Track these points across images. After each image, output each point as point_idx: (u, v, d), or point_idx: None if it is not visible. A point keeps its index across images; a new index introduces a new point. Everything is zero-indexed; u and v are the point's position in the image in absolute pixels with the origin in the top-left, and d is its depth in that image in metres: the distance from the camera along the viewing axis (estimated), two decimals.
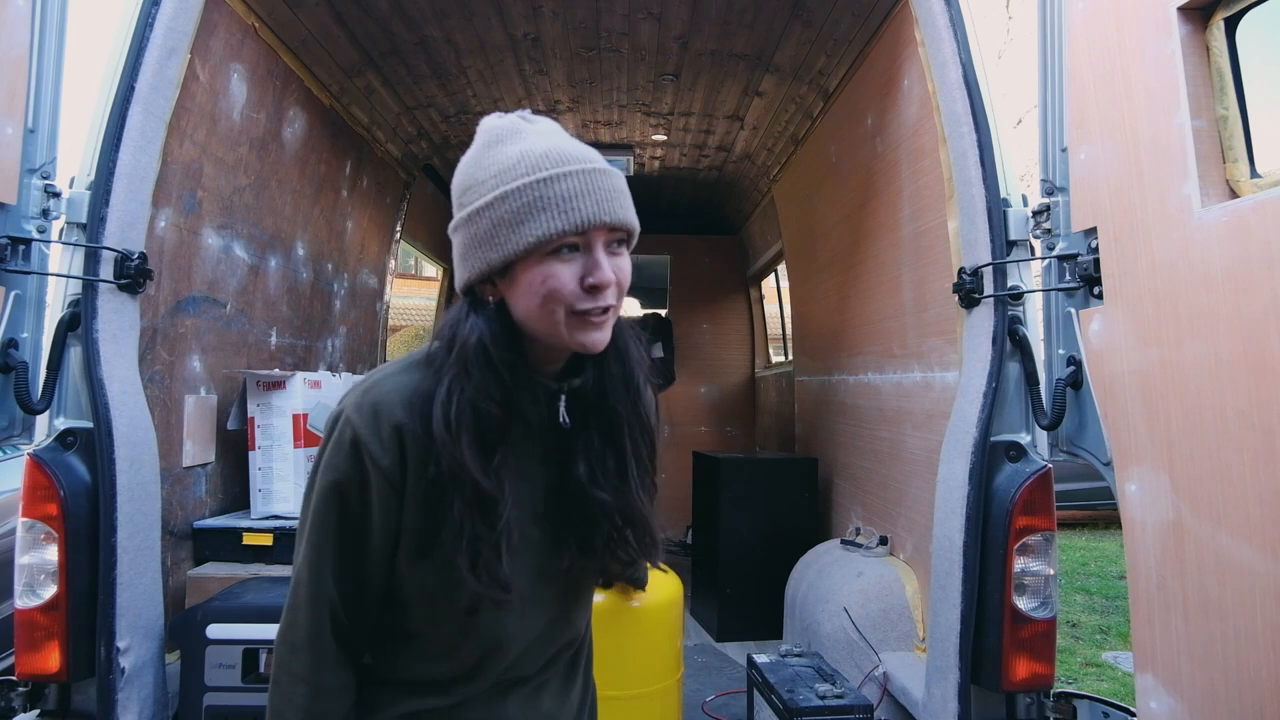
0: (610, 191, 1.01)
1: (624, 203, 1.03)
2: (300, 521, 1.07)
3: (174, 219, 2.57)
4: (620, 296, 1.04)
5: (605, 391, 1.10)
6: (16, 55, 1.98)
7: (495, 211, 1.00)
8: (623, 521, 1.10)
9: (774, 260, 5.93)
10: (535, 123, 1.08)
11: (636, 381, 1.12)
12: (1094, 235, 1.90)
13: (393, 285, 5.13)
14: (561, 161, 1.01)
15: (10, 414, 1.99)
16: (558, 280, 0.99)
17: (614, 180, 1.02)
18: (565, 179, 0.99)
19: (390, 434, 1.00)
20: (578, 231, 0.98)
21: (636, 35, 3.52)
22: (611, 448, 1.11)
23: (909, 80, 2.81)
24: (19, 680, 1.95)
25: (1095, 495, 7.59)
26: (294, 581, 1.07)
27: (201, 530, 2.77)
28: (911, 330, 2.94)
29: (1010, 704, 2.03)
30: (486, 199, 1.01)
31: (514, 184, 1.00)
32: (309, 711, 1.05)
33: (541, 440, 1.10)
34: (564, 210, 0.98)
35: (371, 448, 1.00)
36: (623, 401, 1.11)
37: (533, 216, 0.98)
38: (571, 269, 1.00)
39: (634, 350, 1.13)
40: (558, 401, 1.08)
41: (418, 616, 1.07)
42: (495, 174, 1.02)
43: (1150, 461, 1.69)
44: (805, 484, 4.23)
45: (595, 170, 1.01)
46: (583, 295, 1.00)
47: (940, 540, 2.11)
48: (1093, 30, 1.89)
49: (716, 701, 3.38)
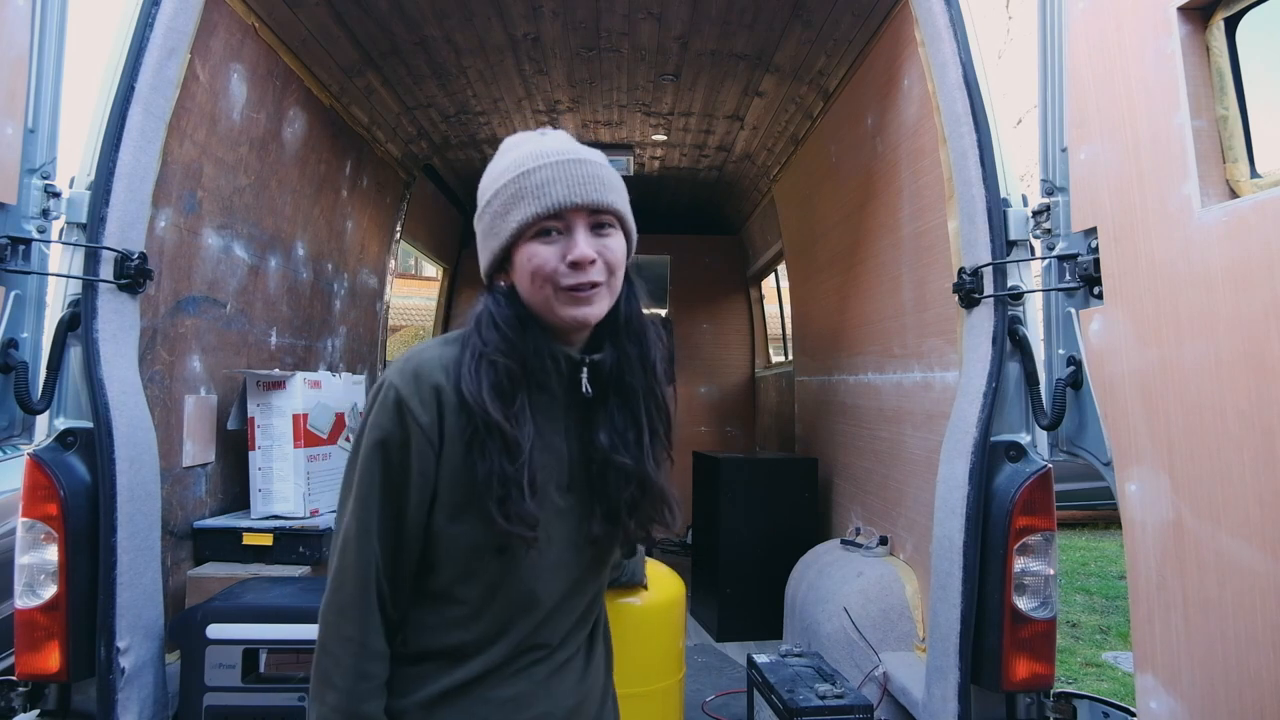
0: (585, 178, 1.13)
1: (598, 187, 1.13)
2: (344, 487, 1.15)
3: (174, 219, 2.57)
4: (609, 274, 1.14)
5: (623, 369, 1.20)
6: (16, 55, 1.98)
7: (492, 207, 1.16)
8: (641, 490, 1.20)
9: (774, 260, 5.93)
10: (547, 134, 1.20)
11: (652, 360, 1.22)
12: (1094, 235, 1.90)
13: (393, 285, 5.13)
14: (541, 156, 1.14)
15: (10, 414, 1.99)
16: (540, 258, 1.12)
17: (591, 169, 1.14)
18: (540, 170, 1.12)
19: (430, 394, 1.11)
20: (550, 214, 1.11)
21: (636, 35, 3.52)
22: (630, 421, 1.20)
23: (909, 80, 2.81)
24: (19, 680, 1.95)
25: (1095, 495, 7.58)
26: (341, 546, 1.12)
27: (201, 530, 2.77)
28: (911, 330, 2.94)
29: (1010, 704, 2.03)
30: (487, 198, 1.17)
31: (503, 181, 1.15)
32: (357, 672, 1.09)
33: (564, 415, 1.19)
34: (538, 196, 1.11)
35: (412, 405, 1.10)
36: (639, 379, 1.21)
37: (515, 205, 1.13)
38: (554, 249, 1.12)
39: (651, 334, 1.23)
40: (579, 373, 1.17)
41: (449, 576, 1.14)
42: (495, 177, 1.18)
43: (1150, 461, 1.69)
44: (805, 484, 4.23)
45: (570, 160, 1.13)
46: (567, 272, 1.11)
47: (940, 540, 2.11)
48: (1093, 30, 1.89)
49: (716, 701, 3.38)
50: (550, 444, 1.17)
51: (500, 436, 1.09)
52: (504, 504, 1.08)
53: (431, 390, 1.11)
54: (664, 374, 1.24)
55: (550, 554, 1.15)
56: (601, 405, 1.19)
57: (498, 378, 1.11)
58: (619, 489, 1.18)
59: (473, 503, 1.10)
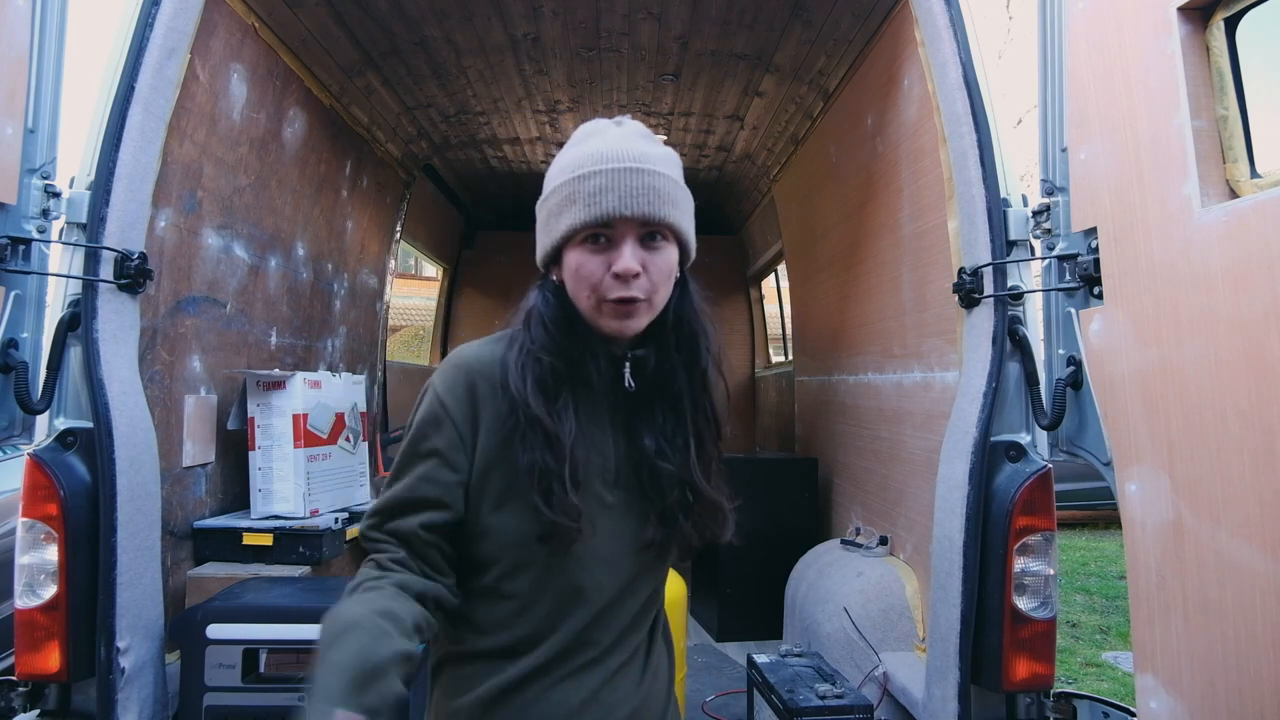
0: (639, 189, 1.10)
1: (652, 199, 1.11)
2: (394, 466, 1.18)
3: (174, 219, 2.57)
4: (653, 291, 1.13)
5: (669, 373, 1.19)
6: (16, 55, 1.98)
7: (549, 203, 1.16)
8: (692, 495, 1.19)
9: (774, 260, 5.93)
10: (622, 124, 1.18)
11: (703, 367, 1.21)
12: (1094, 235, 1.90)
13: (393, 285, 5.13)
14: (600, 160, 1.11)
15: (10, 414, 1.99)
16: (587, 268, 1.11)
17: (647, 179, 1.11)
18: (595, 176, 1.10)
19: (465, 390, 1.15)
20: (600, 223, 1.10)
21: (636, 35, 3.52)
22: (678, 428, 1.20)
23: (909, 80, 2.81)
24: (19, 680, 1.95)
25: (1095, 495, 7.59)
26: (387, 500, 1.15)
27: (201, 530, 2.77)
28: (911, 330, 2.94)
29: (1010, 704, 2.03)
30: (547, 191, 1.17)
31: (562, 179, 1.14)
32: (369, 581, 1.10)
33: (610, 414, 1.19)
34: (589, 204, 1.10)
35: (445, 399, 1.14)
36: (684, 385, 1.20)
37: (568, 209, 1.12)
38: (601, 258, 1.11)
39: (703, 341, 1.22)
40: (623, 368, 1.17)
41: (498, 572, 1.14)
42: (559, 170, 1.17)
43: (1150, 461, 1.69)
44: (805, 484, 4.23)
45: (626, 169, 1.11)
46: (612, 284, 1.10)
47: (940, 540, 2.11)
48: (1093, 30, 1.89)
49: (716, 701, 3.38)
50: (595, 440, 1.18)
51: (542, 430, 1.11)
52: (547, 495, 1.10)
53: (466, 387, 1.15)
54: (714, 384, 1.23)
55: (599, 549, 1.15)
56: (647, 408, 1.19)
57: (542, 374, 1.13)
58: (669, 492, 1.18)
59: (516, 493, 1.12)
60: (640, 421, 1.19)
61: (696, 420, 1.21)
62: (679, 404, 1.20)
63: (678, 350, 1.20)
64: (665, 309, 1.18)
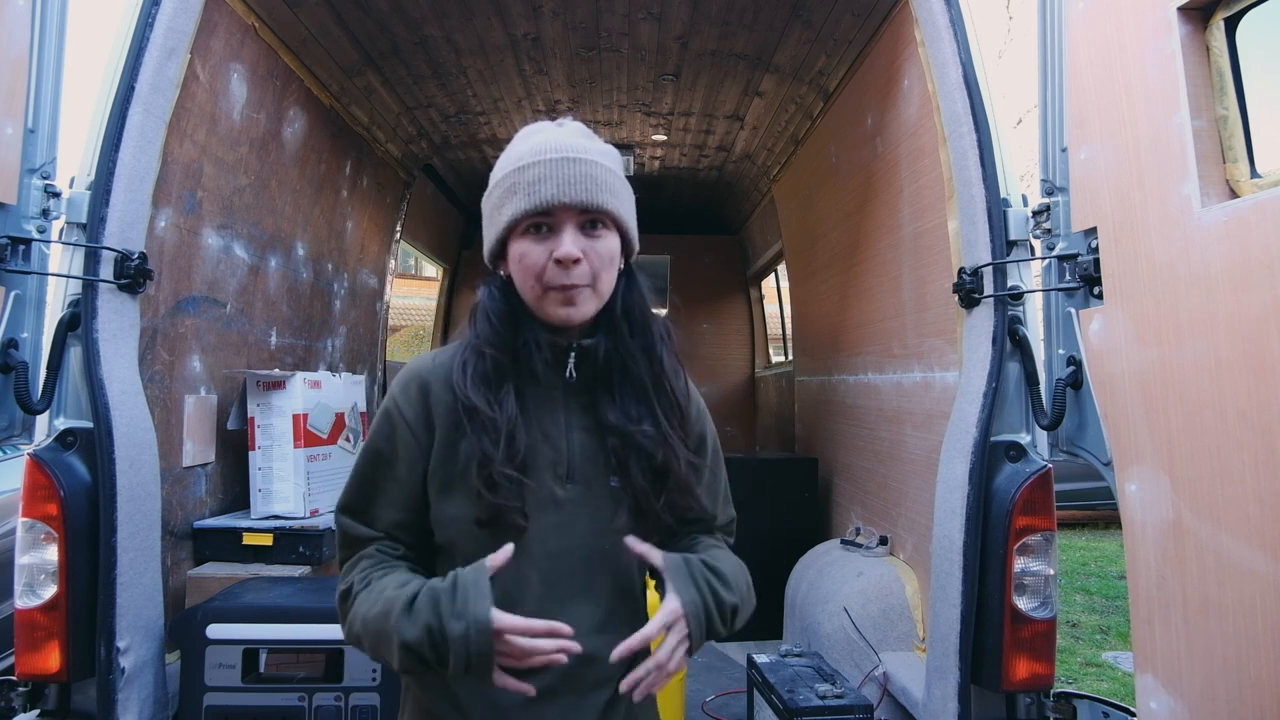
0: (578, 177, 1.13)
1: (590, 187, 1.14)
2: None
3: (174, 219, 2.57)
4: (595, 277, 1.15)
5: (624, 358, 1.21)
6: (16, 55, 1.98)
7: (491, 197, 1.20)
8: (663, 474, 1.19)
9: (774, 260, 5.93)
10: (563, 124, 1.22)
11: (659, 354, 1.23)
12: (1094, 235, 1.90)
13: (393, 285, 5.13)
14: (540, 152, 1.15)
15: (10, 414, 1.99)
16: (530, 256, 1.15)
17: (586, 168, 1.14)
18: (534, 167, 1.14)
19: (417, 392, 1.20)
20: (539, 211, 1.13)
21: (636, 35, 3.52)
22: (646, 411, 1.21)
23: (909, 80, 2.81)
24: (19, 680, 1.95)
25: (1095, 495, 7.58)
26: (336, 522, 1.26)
27: (201, 530, 2.78)
28: (911, 330, 2.93)
29: (1010, 704, 2.02)
30: (491, 186, 1.21)
31: (504, 172, 1.18)
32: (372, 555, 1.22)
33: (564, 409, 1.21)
34: (529, 193, 1.13)
35: (400, 403, 1.20)
36: (645, 370, 1.22)
37: (509, 199, 1.15)
38: (543, 246, 1.14)
39: (655, 327, 1.24)
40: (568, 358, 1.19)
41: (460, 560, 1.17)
42: (501, 166, 1.20)
43: (1150, 461, 1.69)
44: (805, 484, 4.23)
45: (565, 159, 1.14)
46: (555, 270, 1.13)
47: (940, 540, 2.11)
48: (1093, 30, 1.89)
49: (716, 701, 3.38)
50: (546, 432, 1.19)
51: (480, 418, 1.14)
52: (487, 481, 1.12)
53: (419, 390, 1.20)
54: (672, 369, 1.24)
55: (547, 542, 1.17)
56: (606, 393, 1.21)
57: (484, 367, 1.17)
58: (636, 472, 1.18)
59: (458, 481, 1.16)
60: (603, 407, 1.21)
61: (661, 403, 1.22)
62: (642, 389, 1.21)
63: (632, 337, 1.22)
64: (613, 298, 1.20)
